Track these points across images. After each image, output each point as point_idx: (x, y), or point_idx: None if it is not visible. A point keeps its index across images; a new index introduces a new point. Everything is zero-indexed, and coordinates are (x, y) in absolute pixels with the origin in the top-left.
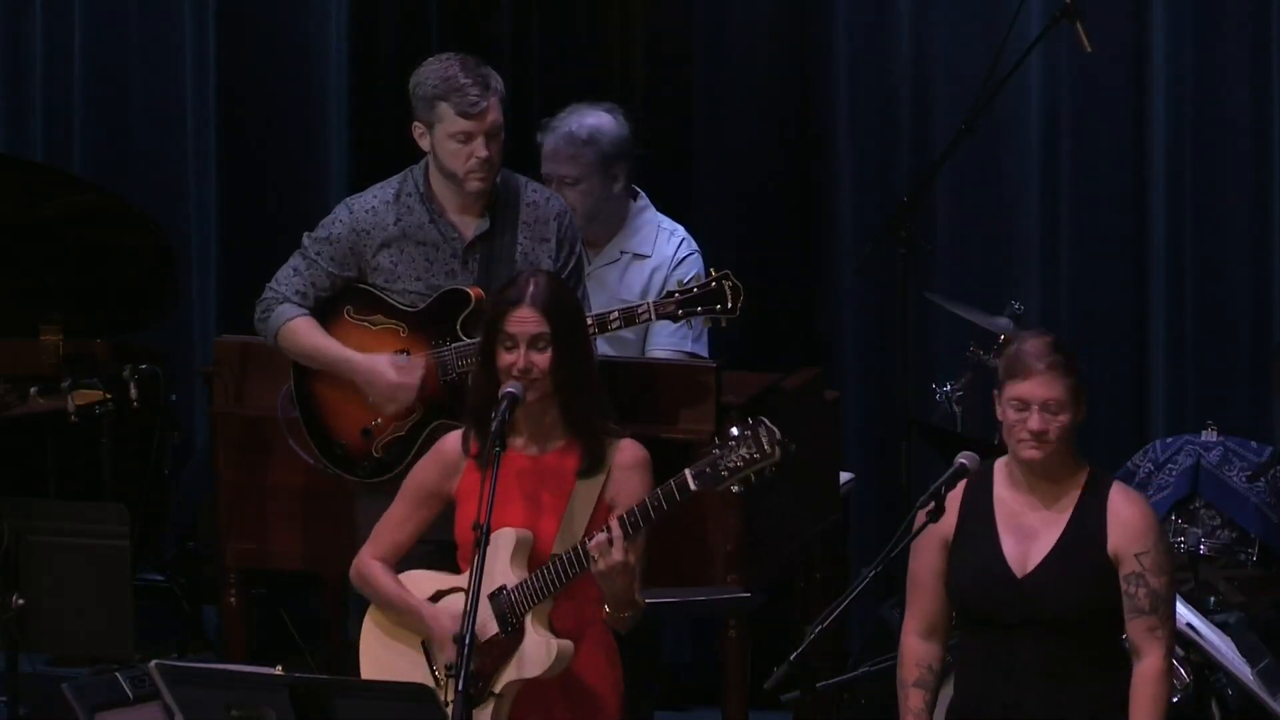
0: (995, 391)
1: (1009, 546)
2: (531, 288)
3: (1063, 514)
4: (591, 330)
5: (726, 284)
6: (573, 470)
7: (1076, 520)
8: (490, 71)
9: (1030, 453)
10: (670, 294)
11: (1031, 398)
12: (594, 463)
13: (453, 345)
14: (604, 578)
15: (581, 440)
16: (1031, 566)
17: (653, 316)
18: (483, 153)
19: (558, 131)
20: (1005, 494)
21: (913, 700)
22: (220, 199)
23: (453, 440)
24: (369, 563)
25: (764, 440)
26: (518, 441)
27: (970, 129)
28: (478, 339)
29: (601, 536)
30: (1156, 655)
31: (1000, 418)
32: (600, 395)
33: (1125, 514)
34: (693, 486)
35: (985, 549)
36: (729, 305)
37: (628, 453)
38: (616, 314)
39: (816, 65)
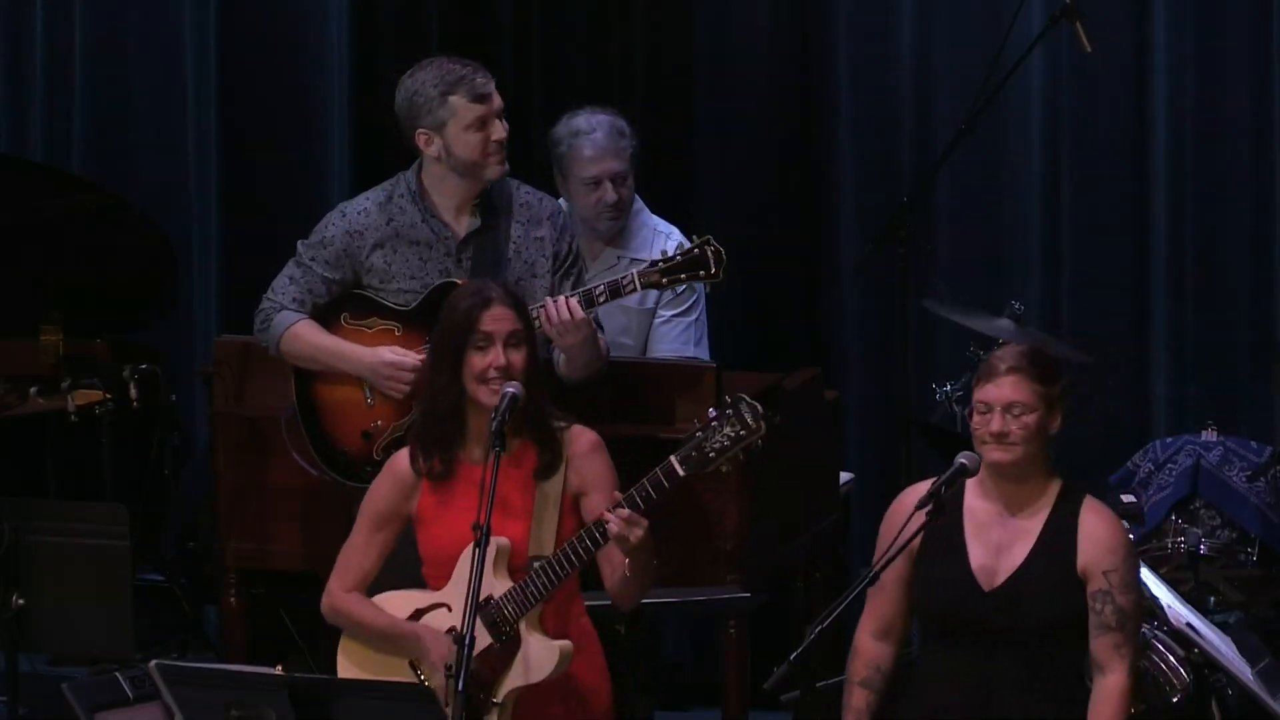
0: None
1: (977, 559)
2: (495, 291)
3: (1033, 528)
4: (580, 303)
5: (709, 249)
6: (530, 471)
7: (1047, 535)
8: (479, 63)
9: (996, 454)
10: (654, 263)
11: (994, 400)
12: (551, 460)
13: None
14: (635, 551)
15: (536, 439)
16: (1000, 580)
17: (638, 286)
18: (500, 134)
19: (597, 132)
20: (976, 504)
21: (856, 698)
22: (220, 199)
23: (402, 459)
24: (341, 596)
25: (747, 416)
26: (475, 453)
27: (970, 129)
28: None
29: (617, 521)
30: (1120, 672)
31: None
32: (546, 392)
33: (1096, 530)
34: (680, 472)
35: (953, 561)
36: (712, 270)
37: (580, 439)
38: (602, 286)
39: (817, 65)
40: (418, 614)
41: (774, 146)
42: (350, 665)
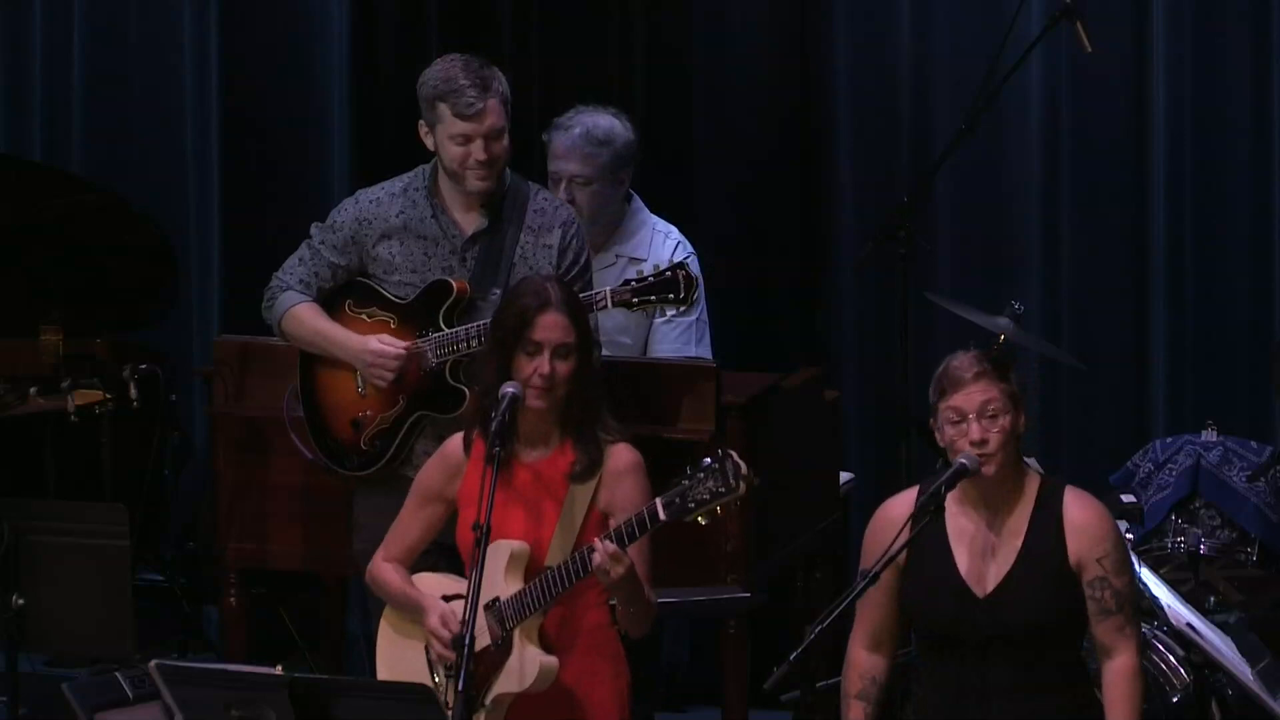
0: (930, 420)
1: (965, 565)
2: (554, 293)
3: (1018, 528)
4: None
5: (681, 274)
6: (564, 475)
7: (1033, 533)
8: (493, 73)
9: (984, 469)
10: (626, 283)
11: (967, 407)
12: (587, 466)
13: (433, 335)
14: (616, 587)
15: (575, 443)
16: (992, 585)
17: (609, 304)
18: (481, 155)
19: (572, 131)
20: (956, 511)
21: (854, 712)
22: (220, 199)
23: (456, 442)
24: (379, 564)
25: (729, 475)
26: (520, 448)
27: (970, 129)
28: (457, 329)
29: (601, 554)
30: (1128, 653)
31: (941, 442)
32: (601, 399)
33: (1081, 520)
34: (662, 516)
35: (941, 569)
36: (681, 294)
37: (619, 458)
38: None
39: (817, 65)
40: (445, 599)
41: (773, 146)
42: (388, 629)
